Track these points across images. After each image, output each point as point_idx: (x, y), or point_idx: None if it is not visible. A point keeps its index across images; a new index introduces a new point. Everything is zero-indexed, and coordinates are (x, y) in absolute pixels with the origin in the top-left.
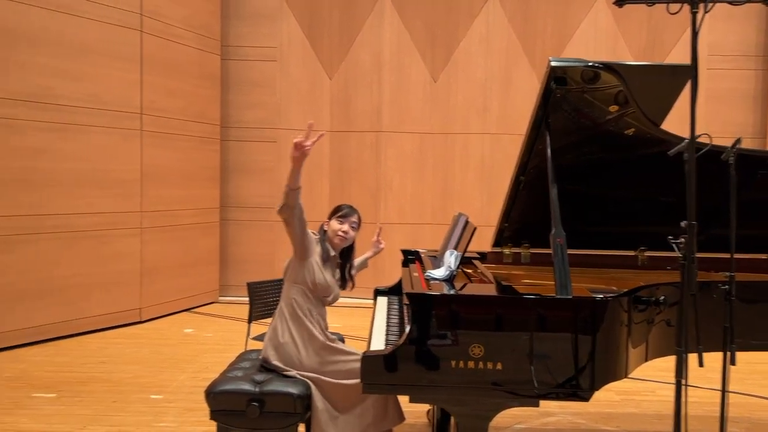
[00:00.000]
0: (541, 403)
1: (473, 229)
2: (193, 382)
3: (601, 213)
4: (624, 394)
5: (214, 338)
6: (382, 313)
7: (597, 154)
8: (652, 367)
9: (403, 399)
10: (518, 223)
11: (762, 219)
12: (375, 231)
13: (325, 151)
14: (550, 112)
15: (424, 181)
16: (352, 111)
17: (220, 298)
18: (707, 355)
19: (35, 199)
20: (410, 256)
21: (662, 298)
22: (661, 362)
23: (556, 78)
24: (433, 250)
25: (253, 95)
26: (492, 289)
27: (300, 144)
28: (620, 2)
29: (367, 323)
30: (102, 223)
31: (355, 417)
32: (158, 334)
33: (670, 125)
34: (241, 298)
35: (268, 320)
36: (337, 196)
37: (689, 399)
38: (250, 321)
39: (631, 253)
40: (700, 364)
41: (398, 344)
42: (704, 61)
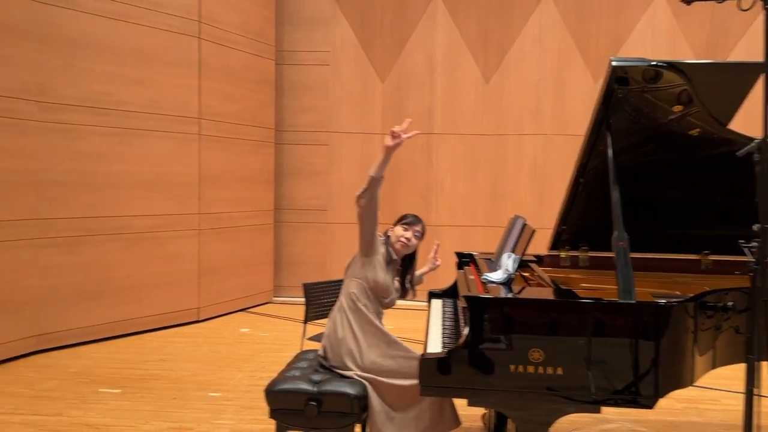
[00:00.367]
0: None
1: (532, 232)
2: (250, 380)
3: (663, 215)
4: (686, 402)
5: (270, 338)
6: (437, 315)
7: (659, 155)
8: (716, 375)
9: (459, 402)
10: (576, 226)
11: None
12: (432, 247)
13: (376, 153)
14: (611, 112)
15: (476, 182)
16: (403, 113)
17: (274, 299)
18: None
19: (97, 202)
20: (464, 259)
21: (731, 303)
22: (725, 370)
23: (618, 78)
24: (487, 253)
25: (306, 99)
26: (551, 293)
27: (397, 133)
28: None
29: (420, 326)
30: (161, 224)
31: (412, 419)
32: (215, 333)
33: (735, 125)
34: (294, 299)
35: (323, 321)
36: (388, 198)
37: (760, 409)
38: (306, 321)
39: (695, 257)
40: None
41: (456, 347)
42: None
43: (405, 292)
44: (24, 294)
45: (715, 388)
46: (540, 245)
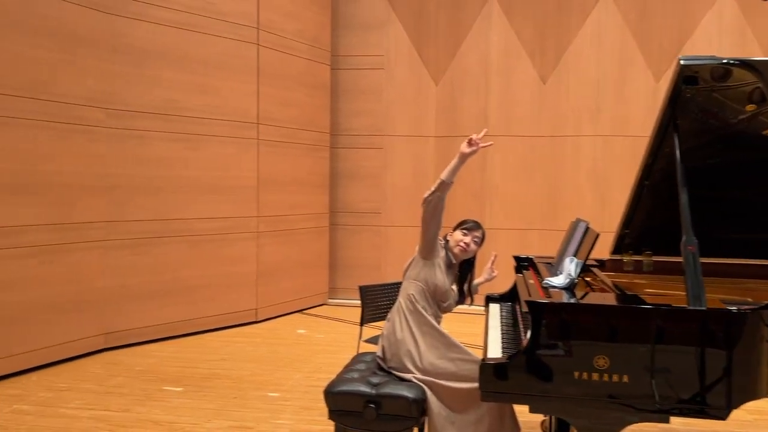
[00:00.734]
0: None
1: (596, 236)
2: (308, 381)
3: (732, 218)
4: (758, 414)
5: (326, 339)
6: (496, 320)
7: (728, 156)
8: None
9: (518, 409)
10: (640, 230)
11: None
12: (490, 258)
13: (429, 156)
14: (678, 113)
15: (532, 185)
16: (457, 116)
17: (329, 301)
18: None
19: (162, 205)
20: (523, 263)
21: None
22: None
23: (686, 77)
24: (545, 257)
25: (361, 103)
26: (617, 299)
27: (475, 141)
28: None
29: (477, 330)
30: (222, 227)
31: (471, 423)
32: (273, 334)
33: None
34: (349, 301)
35: (379, 323)
36: None
37: None
38: (362, 324)
39: (766, 263)
40: None
41: (518, 352)
42: None
43: (463, 297)
44: (93, 294)
45: None
46: (600, 249)
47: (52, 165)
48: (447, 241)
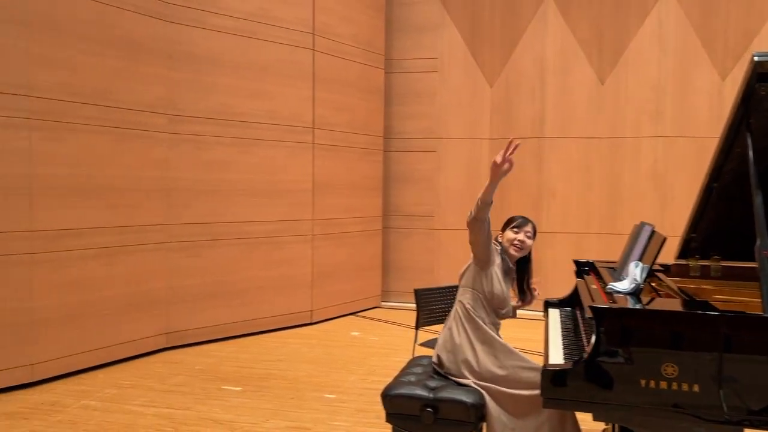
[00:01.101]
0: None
1: (662, 240)
2: (363, 384)
3: None
4: None
5: (380, 342)
6: (556, 325)
7: None
8: None
9: (581, 416)
10: (707, 233)
11: None
12: (533, 280)
13: (484, 158)
14: (751, 111)
15: (591, 188)
16: (513, 118)
17: (382, 303)
18: None
19: (220, 208)
20: (584, 267)
21: None
22: None
23: (760, 74)
24: (606, 261)
25: (415, 106)
26: (685, 305)
27: (503, 160)
28: None
29: (536, 336)
30: (278, 230)
31: (531, 429)
32: (328, 336)
33: None
34: (402, 304)
35: (434, 327)
36: (497, 204)
37: None
38: (418, 327)
39: None
40: None
41: (581, 359)
42: None
43: (524, 296)
44: (154, 294)
45: None
46: (663, 253)
47: (115, 169)
48: (501, 244)
